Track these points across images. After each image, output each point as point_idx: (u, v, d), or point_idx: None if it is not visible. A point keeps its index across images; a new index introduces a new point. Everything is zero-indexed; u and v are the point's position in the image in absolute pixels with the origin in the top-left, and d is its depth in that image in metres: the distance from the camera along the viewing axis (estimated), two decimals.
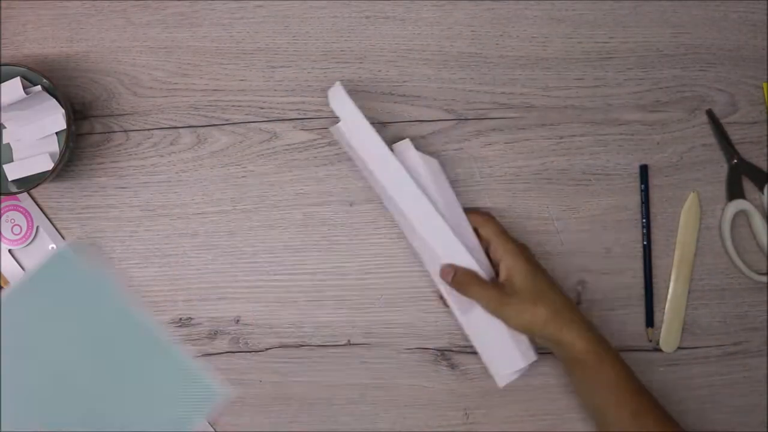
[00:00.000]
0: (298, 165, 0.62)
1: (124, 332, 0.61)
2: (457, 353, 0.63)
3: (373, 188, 0.60)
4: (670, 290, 0.62)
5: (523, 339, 0.58)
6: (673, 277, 0.63)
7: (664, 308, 0.63)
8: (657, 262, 0.63)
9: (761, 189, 0.63)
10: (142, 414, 0.61)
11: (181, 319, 0.62)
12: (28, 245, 0.62)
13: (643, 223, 0.62)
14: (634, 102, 0.63)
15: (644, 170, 0.62)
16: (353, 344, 0.62)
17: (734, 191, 0.63)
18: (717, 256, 0.63)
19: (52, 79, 0.57)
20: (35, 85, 0.58)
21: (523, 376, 0.63)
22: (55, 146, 0.58)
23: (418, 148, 0.62)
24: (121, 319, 0.61)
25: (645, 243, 0.62)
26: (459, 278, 0.57)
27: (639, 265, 0.63)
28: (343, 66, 0.62)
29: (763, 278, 0.63)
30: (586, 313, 0.63)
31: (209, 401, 0.61)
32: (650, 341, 0.62)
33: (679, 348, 0.63)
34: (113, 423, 0.61)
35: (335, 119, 0.62)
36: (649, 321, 0.62)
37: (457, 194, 0.62)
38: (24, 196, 0.62)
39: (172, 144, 0.62)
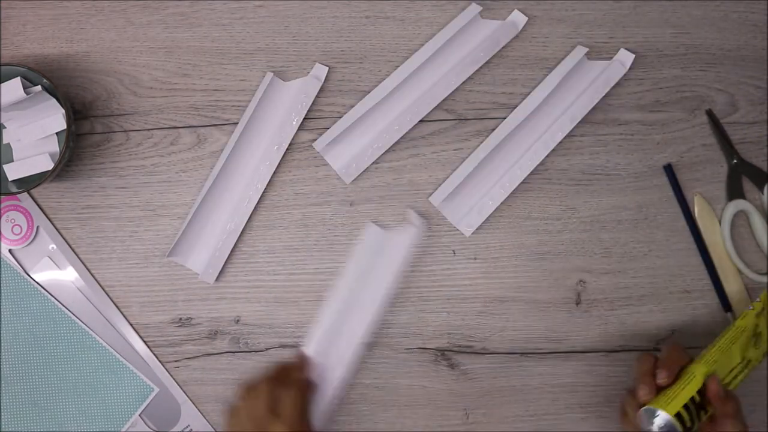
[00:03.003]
0: (298, 165, 0.62)
1: (52, 331, 0.62)
2: (457, 353, 0.63)
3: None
4: (726, 291, 0.63)
5: None
6: (722, 278, 0.63)
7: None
8: (658, 261, 0.63)
9: (761, 189, 0.63)
10: (76, 412, 0.62)
11: (181, 319, 0.62)
12: (28, 245, 0.62)
13: (684, 216, 0.63)
14: (634, 102, 0.63)
15: (669, 170, 0.63)
16: None
17: (734, 191, 0.63)
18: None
19: (52, 79, 0.57)
20: (35, 85, 0.58)
21: (523, 376, 0.63)
22: (55, 146, 0.58)
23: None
24: (47, 318, 0.62)
25: (696, 237, 0.63)
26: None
27: (639, 265, 0.63)
28: (343, 66, 0.62)
29: (763, 278, 0.63)
30: (586, 313, 0.63)
31: (141, 397, 0.62)
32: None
33: None
34: (48, 422, 0.61)
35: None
36: (726, 306, 0.63)
37: None
38: (24, 196, 0.62)
39: (172, 144, 0.62)
